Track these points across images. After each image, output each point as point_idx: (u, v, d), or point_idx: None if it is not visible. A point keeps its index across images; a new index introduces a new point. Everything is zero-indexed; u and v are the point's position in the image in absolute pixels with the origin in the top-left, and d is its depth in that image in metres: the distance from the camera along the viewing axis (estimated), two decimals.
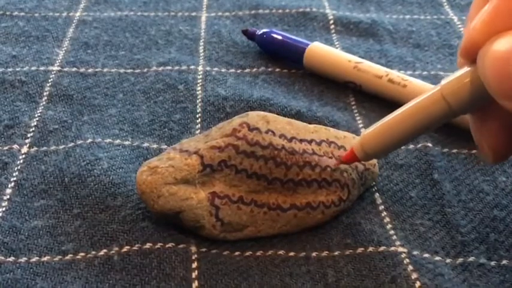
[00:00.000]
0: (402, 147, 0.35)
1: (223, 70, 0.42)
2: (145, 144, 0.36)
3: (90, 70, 0.42)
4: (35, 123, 0.37)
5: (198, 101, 0.39)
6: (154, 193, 0.29)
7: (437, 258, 0.29)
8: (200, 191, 0.29)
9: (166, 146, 0.35)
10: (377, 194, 0.33)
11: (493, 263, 0.29)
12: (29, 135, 0.36)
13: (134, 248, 0.29)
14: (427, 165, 0.34)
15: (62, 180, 0.33)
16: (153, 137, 0.36)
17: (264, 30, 0.44)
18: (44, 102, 0.38)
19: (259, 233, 0.30)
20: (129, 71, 0.42)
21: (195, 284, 0.28)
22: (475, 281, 0.28)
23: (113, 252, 0.29)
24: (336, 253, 0.29)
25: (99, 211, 0.31)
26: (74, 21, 0.47)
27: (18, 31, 0.46)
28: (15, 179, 0.33)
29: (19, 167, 0.34)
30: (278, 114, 0.32)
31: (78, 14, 0.48)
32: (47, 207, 0.31)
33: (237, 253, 0.29)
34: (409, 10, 0.50)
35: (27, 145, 0.35)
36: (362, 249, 0.29)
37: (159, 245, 0.29)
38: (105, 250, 0.29)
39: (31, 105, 0.38)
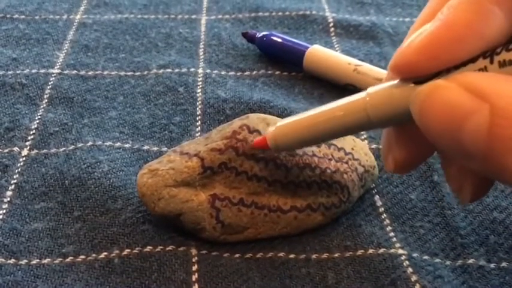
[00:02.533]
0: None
1: (223, 73, 0.42)
2: (146, 147, 0.36)
3: (90, 73, 0.42)
4: (36, 126, 0.37)
5: (198, 104, 0.39)
6: (155, 195, 0.29)
7: (437, 260, 0.29)
8: (200, 193, 0.29)
9: (166, 149, 0.35)
10: (377, 196, 0.33)
11: (492, 265, 0.29)
12: (29, 137, 0.36)
13: (135, 251, 0.29)
14: (426, 167, 0.34)
15: (62, 183, 0.33)
16: (154, 140, 0.36)
17: (264, 32, 0.44)
18: (45, 105, 0.39)
19: (260, 235, 0.30)
20: (129, 73, 0.42)
21: (195, 286, 0.28)
22: (475, 283, 0.28)
23: (114, 255, 0.29)
24: (336, 255, 0.29)
25: (100, 214, 0.31)
26: (74, 24, 0.47)
27: (19, 34, 0.46)
28: (15, 181, 0.33)
29: (19, 170, 0.34)
30: (278, 117, 0.32)
31: (78, 16, 0.48)
32: (48, 210, 0.31)
33: (237, 255, 0.29)
34: (408, 13, 0.50)
35: (28, 148, 0.35)
36: (362, 251, 0.29)
37: (159, 248, 0.29)
38: (105, 253, 0.29)
39: (31, 108, 0.38)
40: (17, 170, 0.34)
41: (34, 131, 0.36)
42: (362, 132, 0.37)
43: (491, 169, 0.20)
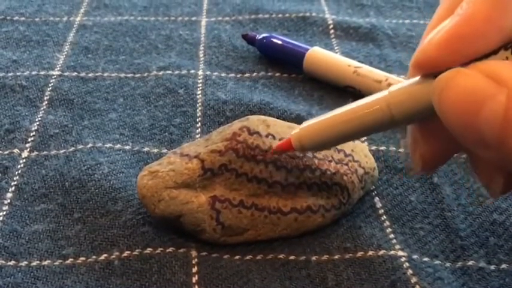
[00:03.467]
0: (402, 151, 0.35)
1: (223, 74, 0.42)
2: (146, 149, 0.36)
3: (90, 74, 0.42)
4: (36, 128, 0.37)
5: (198, 105, 0.39)
6: (155, 197, 0.29)
7: (437, 262, 0.29)
8: (201, 195, 0.29)
9: (166, 151, 0.35)
10: (377, 198, 0.33)
11: (492, 267, 0.29)
12: (29, 139, 0.36)
13: (135, 252, 0.29)
14: None
15: (62, 185, 0.33)
16: (154, 142, 0.36)
17: (264, 34, 0.44)
18: (45, 107, 0.39)
19: (260, 236, 0.30)
20: (129, 75, 0.42)
21: None
22: (475, 284, 0.28)
23: (114, 256, 0.29)
24: (336, 257, 0.29)
25: (100, 216, 0.31)
26: (75, 25, 0.47)
27: (19, 36, 0.46)
28: (15, 183, 0.33)
29: (20, 171, 0.34)
30: (278, 118, 0.32)
31: (78, 18, 0.48)
32: (48, 212, 0.31)
33: (237, 257, 0.29)
34: (408, 15, 0.50)
35: (28, 149, 0.35)
36: (362, 253, 0.29)
37: (159, 249, 0.29)
38: (105, 255, 0.29)
39: (32, 110, 0.38)
40: (17, 172, 0.34)
41: (34, 133, 0.36)
42: None
43: (506, 157, 0.21)
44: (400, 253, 0.29)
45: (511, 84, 0.20)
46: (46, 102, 0.39)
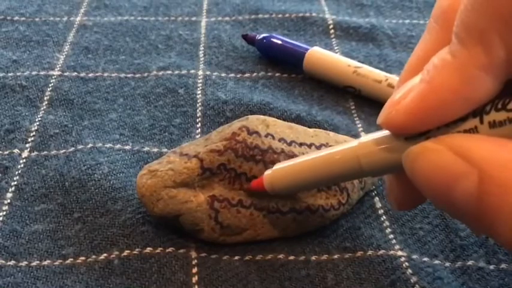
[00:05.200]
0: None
1: (223, 74, 0.42)
2: (146, 149, 0.36)
3: (90, 75, 0.42)
4: (36, 128, 0.37)
5: (198, 105, 0.39)
6: (154, 196, 0.29)
7: (437, 261, 0.29)
8: (200, 194, 0.29)
9: (166, 150, 0.35)
10: (376, 198, 0.33)
11: (491, 267, 0.29)
12: (29, 139, 0.36)
13: (134, 252, 0.29)
14: None
15: (62, 185, 0.33)
16: (154, 142, 0.36)
17: (264, 35, 0.44)
18: (45, 107, 0.39)
19: (259, 236, 0.30)
20: (129, 75, 0.42)
21: None
22: (474, 284, 0.28)
23: (113, 256, 0.29)
24: (336, 257, 0.29)
25: (100, 215, 0.31)
26: (75, 25, 0.47)
27: (19, 36, 0.46)
28: (15, 183, 0.33)
29: (20, 171, 0.34)
30: (278, 118, 0.32)
31: (78, 18, 0.48)
32: (48, 212, 0.31)
33: (236, 257, 0.29)
34: (408, 15, 0.50)
35: (28, 149, 0.35)
36: (361, 252, 0.29)
37: (159, 249, 0.29)
38: (105, 254, 0.29)
39: (32, 110, 0.38)
40: (17, 172, 0.34)
41: (34, 133, 0.36)
42: (362, 134, 0.37)
43: (484, 230, 0.21)
44: (400, 253, 0.29)
45: (481, 164, 0.20)
46: (46, 102, 0.39)
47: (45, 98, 0.39)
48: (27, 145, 0.36)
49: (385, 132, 0.24)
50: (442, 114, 0.21)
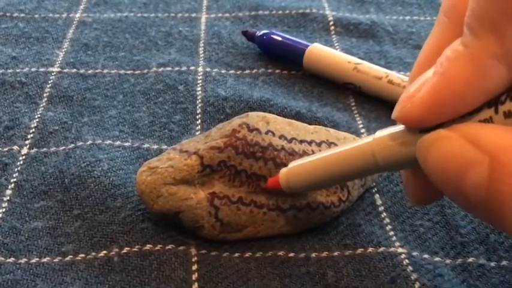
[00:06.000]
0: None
1: (223, 71, 0.42)
2: (146, 146, 0.36)
3: (90, 71, 0.42)
4: (35, 125, 0.37)
5: (198, 102, 0.39)
6: (154, 193, 0.29)
7: (437, 258, 0.29)
8: (200, 191, 0.29)
9: (166, 147, 0.35)
10: (377, 195, 0.33)
11: (492, 264, 0.29)
12: (29, 136, 0.36)
13: (134, 249, 0.29)
14: None
15: (62, 182, 0.33)
16: (153, 138, 0.36)
17: (264, 31, 0.44)
18: (44, 104, 0.38)
19: (259, 233, 0.30)
20: (129, 72, 0.42)
21: (195, 286, 0.28)
22: (475, 281, 0.28)
23: (113, 253, 0.29)
24: (336, 254, 0.29)
25: (99, 212, 0.31)
26: (74, 22, 0.47)
27: (18, 32, 0.46)
28: (15, 180, 0.33)
29: (19, 168, 0.34)
30: (278, 115, 0.32)
31: (78, 15, 0.48)
32: (47, 208, 0.31)
33: (236, 254, 0.29)
34: (408, 11, 0.50)
35: (27, 146, 0.35)
36: (362, 249, 0.29)
37: (159, 246, 0.29)
38: (105, 251, 0.29)
39: (31, 107, 0.38)
40: (16, 169, 0.34)
41: (34, 130, 0.36)
42: (362, 131, 0.37)
43: (493, 220, 0.21)
44: (400, 250, 0.29)
45: (492, 152, 0.20)
46: (46, 99, 0.39)
47: (45, 95, 0.39)
48: (27, 142, 0.35)
49: (399, 127, 0.24)
50: (456, 106, 0.21)
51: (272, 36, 0.43)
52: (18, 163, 0.34)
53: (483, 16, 0.20)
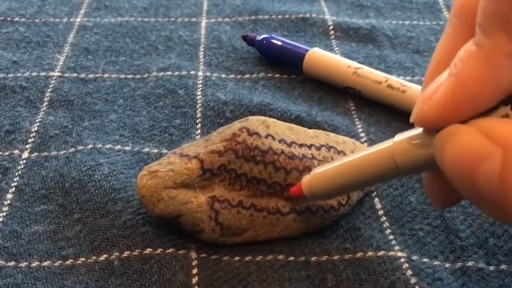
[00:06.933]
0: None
1: (223, 75, 0.42)
2: (146, 150, 0.36)
3: (90, 76, 0.42)
4: (36, 129, 0.37)
5: (198, 106, 0.39)
6: (154, 197, 0.29)
7: (436, 262, 0.29)
8: (200, 195, 0.29)
9: (166, 151, 0.35)
10: (376, 199, 0.33)
11: (491, 268, 0.29)
12: (29, 140, 0.36)
13: (134, 253, 0.29)
14: None
15: (62, 186, 0.33)
16: (154, 142, 0.36)
17: (264, 35, 0.44)
18: (45, 108, 0.39)
19: (259, 237, 0.30)
20: (129, 76, 0.42)
21: None
22: (474, 285, 0.28)
23: (113, 257, 0.29)
24: (336, 257, 0.29)
25: (100, 216, 0.31)
26: (75, 26, 0.47)
27: (19, 37, 0.46)
28: (16, 184, 0.33)
29: (20, 172, 0.34)
30: (278, 119, 0.32)
31: (78, 19, 0.48)
32: (48, 212, 0.31)
33: (236, 258, 0.29)
34: (408, 16, 0.50)
35: (28, 150, 0.35)
36: (361, 253, 0.29)
37: (159, 250, 0.29)
38: (105, 255, 0.29)
39: (32, 111, 0.38)
40: (17, 173, 0.34)
41: (34, 134, 0.36)
42: (362, 135, 0.37)
43: (505, 215, 0.21)
44: (400, 254, 0.29)
45: (505, 143, 0.20)
46: (46, 103, 0.39)
47: (45, 99, 0.39)
48: (27, 146, 0.36)
49: (418, 130, 0.24)
50: (473, 105, 0.21)
51: (272, 40, 0.44)
52: (19, 167, 0.34)
53: (494, 15, 0.21)
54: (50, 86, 0.41)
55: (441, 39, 0.25)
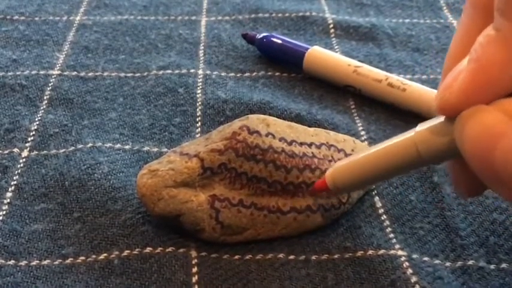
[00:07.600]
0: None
1: (223, 74, 0.42)
2: (146, 148, 0.36)
3: (90, 74, 0.42)
4: (36, 127, 0.37)
5: (198, 105, 0.39)
6: (155, 196, 0.29)
7: (437, 261, 0.29)
8: (200, 194, 0.29)
9: (166, 150, 0.35)
10: (377, 198, 0.33)
11: (492, 266, 0.29)
12: (29, 139, 0.36)
13: (134, 252, 0.29)
14: (426, 168, 0.34)
15: (62, 184, 0.33)
16: (154, 141, 0.36)
17: (264, 34, 0.44)
18: (45, 106, 0.39)
19: (259, 236, 0.30)
20: (129, 74, 0.42)
21: None
22: (474, 284, 0.28)
23: (113, 256, 0.29)
24: (336, 256, 0.29)
25: (100, 215, 0.31)
26: (74, 25, 0.47)
27: (19, 35, 0.46)
28: (15, 182, 0.33)
29: (19, 171, 0.34)
30: (278, 118, 0.32)
31: (78, 18, 0.48)
32: (47, 211, 0.31)
33: (236, 257, 0.29)
34: (408, 14, 0.50)
35: (28, 149, 0.35)
36: (362, 252, 0.29)
37: (159, 249, 0.29)
38: (105, 254, 0.29)
39: (31, 109, 0.38)
40: (16, 171, 0.34)
41: (34, 132, 0.36)
42: (362, 133, 0.37)
43: None
44: (400, 252, 0.29)
45: None
46: (46, 101, 0.39)
47: (45, 98, 0.39)
48: (27, 144, 0.35)
49: (440, 119, 0.24)
50: (493, 90, 0.22)
51: (272, 39, 0.43)
52: (19, 166, 0.34)
53: None
54: (50, 85, 0.40)
55: (457, 29, 0.25)
